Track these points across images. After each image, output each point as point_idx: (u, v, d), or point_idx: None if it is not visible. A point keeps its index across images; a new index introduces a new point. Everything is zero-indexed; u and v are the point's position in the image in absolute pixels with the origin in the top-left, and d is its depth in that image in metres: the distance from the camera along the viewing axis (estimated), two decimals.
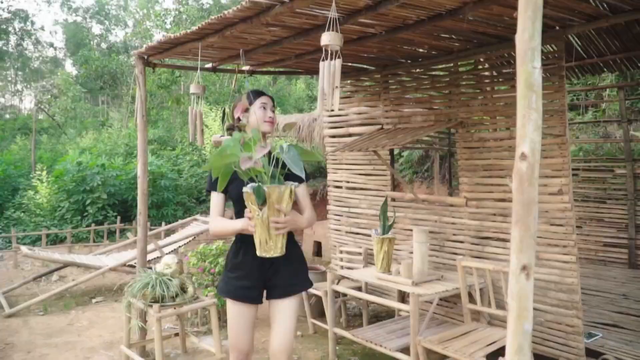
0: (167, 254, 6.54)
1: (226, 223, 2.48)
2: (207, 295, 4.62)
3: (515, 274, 1.46)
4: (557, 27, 3.65)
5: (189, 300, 3.87)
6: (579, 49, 5.15)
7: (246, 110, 2.55)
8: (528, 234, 1.45)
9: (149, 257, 6.49)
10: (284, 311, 2.53)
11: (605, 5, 3.34)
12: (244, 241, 2.49)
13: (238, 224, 2.38)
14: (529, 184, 1.43)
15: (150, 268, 4.06)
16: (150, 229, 8.69)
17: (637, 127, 8.23)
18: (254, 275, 2.50)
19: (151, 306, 3.65)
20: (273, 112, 2.60)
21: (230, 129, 2.66)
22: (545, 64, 3.76)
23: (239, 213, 2.48)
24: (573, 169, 6.87)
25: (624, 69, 5.51)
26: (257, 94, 2.61)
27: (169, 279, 3.84)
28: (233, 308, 2.52)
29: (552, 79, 3.75)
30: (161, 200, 11.16)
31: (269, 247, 2.22)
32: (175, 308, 3.79)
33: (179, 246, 7.25)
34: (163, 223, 9.32)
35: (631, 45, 4.85)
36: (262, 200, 2.15)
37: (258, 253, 2.24)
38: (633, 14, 3.32)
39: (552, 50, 3.84)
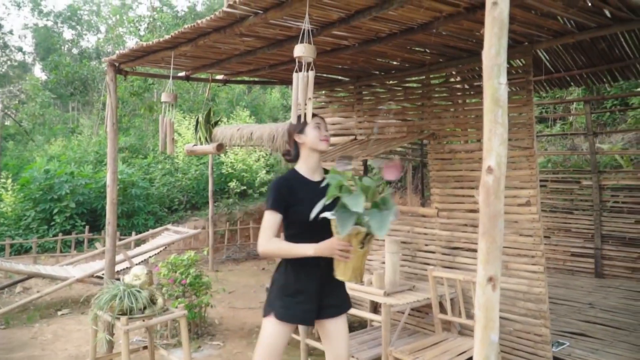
0: (136, 264, 6.43)
1: (290, 247, 2.38)
2: (177, 307, 4.55)
3: (482, 285, 1.48)
4: (526, 43, 3.74)
5: (159, 312, 3.79)
6: (548, 64, 5.28)
7: (301, 131, 2.53)
8: (494, 246, 1.47)
9: (119, 267, 6.37)
10: (341, 329, 2.56)
11: (572, 23, 3.45)
12: (302, 264, 2.43)
13: (309, 250, 2.31)
14: (495, 196, 1.46)
15: (119, 279, 3.98)
16: (120, 239, 8.53)
17: (603, 139, 8.47)
18: (315, 297, 2.48)
19: (119, 319, 3.57)
20: (327, 130, 2.58)
21: (286, 154, 2.66)
22: (514, 78, 3.85)
23: (297, 236, 2.40)
24: (542, 180, 7.03)
25: (590, 83, 5.67)
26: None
27: (138, 291, 3.75)
28: (280, 330, 2.43)
29: (520, 92, 3.84)
30: (132, 209, 10.96)
31: (359, 274, 2.29)
32: (143, 320, 3.70)
33: (150, 256, 7.13)
34: (133, 233, 9.15)
35: (596, 60, 5.00)
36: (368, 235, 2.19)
37: (347, 280, 2.28)
38: (597, 30, 3.43)
39: (520, 64, 3.93)
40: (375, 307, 4.59)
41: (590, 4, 2.98)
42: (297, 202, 2.39)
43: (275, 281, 2.52)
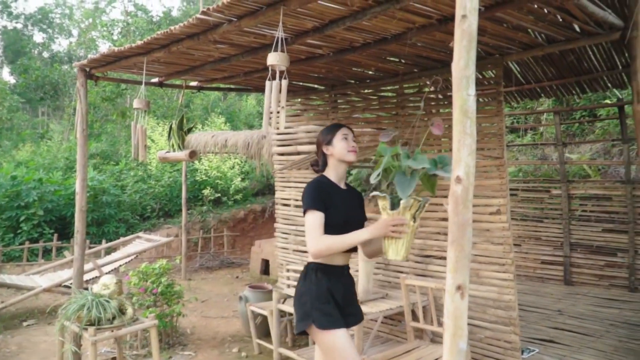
0: (106, 273, 6.31)
1: (343, 238, 2.31)
2: (147, 317, 4.48)
3: (450, 293, 1.49)
4: (497, 54, 3.81)
5: (128, 322, 3.72)
6: (518, 75, 5.39)
7: (329, 143, 2.54)
8: (463, 255, 1.48)
9: (88, 276, 6.24)
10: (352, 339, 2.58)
11: (542, 36, 3.53)
12: (331, 271, 2.44)
13: (363, 234, 2.28)
14: (464, 206, 1.47)
15: (87, 289, 3.89)
16: (90, 247, 8.36)
17: (572, 150, 8.67)
18: (341, 305, 2.46)
19: (86, 329, 3.49)
20: (354, 141, 2.58)
21: (315, 165, 2.65)
22: (485, 89, 3.92)
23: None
24: (513, 189, 7.15)
25: (560, 94, 5.81)
26: (336, 126, 2.60)
27: (107, 300, 3.68)
28: (340, 334, 2.36)
29: (491, 103, 3.90)
30: (102, 216, 10.76)
31: (409, 250, 2.27)
32: (112, 331, 3.64)
33: (120, 265, 7.00)
34: (104, 241, 8.98)
35: (566, 73, 5.13)
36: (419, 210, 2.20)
37: (401, 258, 2.25)
38: (566, 43, 3.52)
39: (492, 75, 4.00)
40: None
41: (560, 19, 3.06)
42: (332, 205, 2.41)
43: (307, 291, 2.45)
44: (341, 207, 2.43)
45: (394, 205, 2.19)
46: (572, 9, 2.77)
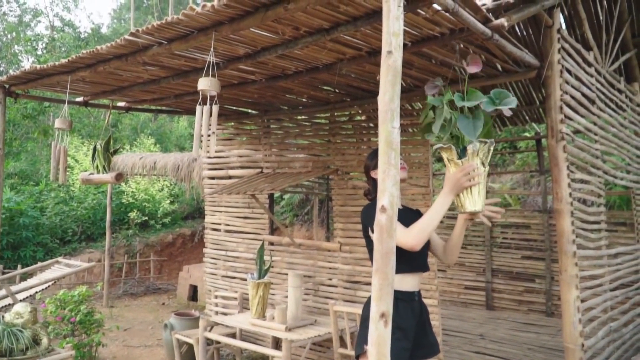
0: (20, 300, 5.91)
1: (429, 215, 2.17)
2: (64, 347, 4.23)
3: (374, 320, 1.52)
4: (424, 87, 3.98)
5: (43, 353, 3.53)
6: None
7: (376, 167, 2.43)
8: (386, 283, 1.52)
9: (0, 304, 5.82)
10: None
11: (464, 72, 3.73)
12: (399, 298, 2.26)
13: (445, 198, 2.13)
14: (388, 235, 1.52)
15: None
16: (4, 273, 7.82)
17: (494, 179, 9.12)
18: (411, 335, 2.33)
19: None
20: (402, 159, 2.45)
21: (368, 194, 2.56)
22: (414, 120, 4.07)
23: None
24: None
25: None
26: None
27: (20, 330, 3.48)
28: None
29: (418, 133, 4.05)
30: (18, 240, 10.10)
31: (485, 201, 2.13)
32: None
33: (36, 292, 6.56)
34: (19, 266, 8.41)
35: None
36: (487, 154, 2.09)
37: (480, 208, 2.10)
38: (487, 80, 3.73)
39: (420, 107, 4.16)
40: (277, 343, 4.53)
41: (482, 57, 3.25)
42: None
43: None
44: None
45: (460, 153, 2.11)
46: (492, 48, 2.96)
